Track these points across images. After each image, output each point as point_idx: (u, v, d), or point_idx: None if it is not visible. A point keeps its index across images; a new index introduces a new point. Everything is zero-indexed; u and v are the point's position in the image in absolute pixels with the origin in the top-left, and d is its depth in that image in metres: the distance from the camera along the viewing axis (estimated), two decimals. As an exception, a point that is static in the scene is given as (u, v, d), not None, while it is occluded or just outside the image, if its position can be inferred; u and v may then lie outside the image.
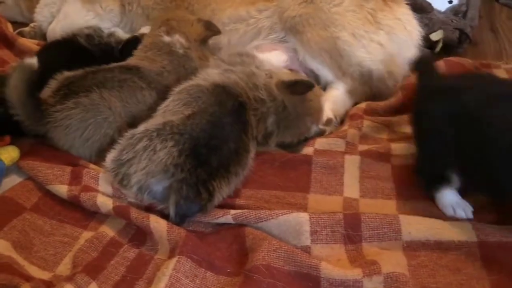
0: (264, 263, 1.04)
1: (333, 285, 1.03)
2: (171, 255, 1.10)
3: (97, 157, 1.38)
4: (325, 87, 1.72)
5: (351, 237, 1.13)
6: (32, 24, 2.27)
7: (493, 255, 1.08)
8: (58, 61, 1.56)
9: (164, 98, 1.38)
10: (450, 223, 1.14)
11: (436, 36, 2.06)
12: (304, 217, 1.14)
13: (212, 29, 1.67)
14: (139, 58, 1.55)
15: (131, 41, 1.68)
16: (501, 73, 1.89)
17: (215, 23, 1.75)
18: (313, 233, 1.13)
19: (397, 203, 1.24)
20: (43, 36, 2.17)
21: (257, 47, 1.74)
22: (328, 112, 1.57)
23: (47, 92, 1.39)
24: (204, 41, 1.66)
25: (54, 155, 1.39)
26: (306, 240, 1.12)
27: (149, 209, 1.22)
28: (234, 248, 1.15)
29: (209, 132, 1.21)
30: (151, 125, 1.23)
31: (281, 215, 1.15)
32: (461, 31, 2.11)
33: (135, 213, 1.18)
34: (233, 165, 1.23)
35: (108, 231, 1.19)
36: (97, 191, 1.27)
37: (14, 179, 1.35)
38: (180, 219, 1.16)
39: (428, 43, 2.03)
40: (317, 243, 1.12)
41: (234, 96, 1.32)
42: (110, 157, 1.24)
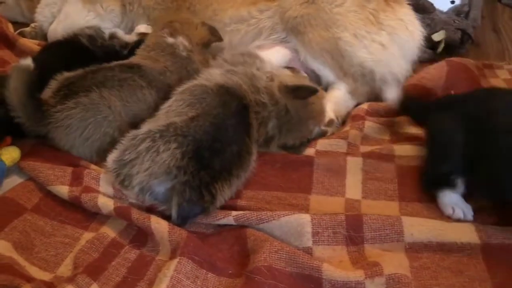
0: (265, 264, 1.04)
1: (335, 286, 1.03)
2: (172, 256, 1.09)
3: (98, 157, 1.38)
4: (326, 87, 1.71)
5: (353, 238, 1.13)
6: (33, 24, 2.27)
7: (496, 257, 1.08)
8: (59, 61, 1.56)
9: (166, 97, 1.38)
10: (453, 224, 1.14)
11: (438, 36, 2.06)
12: (305, 218, 1.14)
13: (216, 34, 1.67)
14: (142, 57, 1.55)
15: (139, 43, 1.67)
16: (503, 73, 1.89)
17: (217, 23, 1.76)
18: (315, 234, 1.13)
19: (399, 205, 1.24)
20: (44, 37, 2.17)
21: (259, 47, 1.73)
22: (329, 113, 1.57)
23: (47, 93, 1.38)
24: (206, 45, 1.66)
25: (55, 156, 1.39)
26: (307, 241, 1.12)
27: (150, 210, 1.22)
28: (236, 249, 1.14)
29: (212, 135, 1.21)
30: (154, 126, 1.22)
31: (283, 216, 1.15)
32: (463, 32, 2.11)
33: (136, 214, 1.18)
34: (236, 167, 1.22)
35: (109, 232, 1.19)
36: (98, 192, 1.27)
37: (15, 180, 1.35)
38: (182, 221, 1.16)
39: (430, 43, 2.03)
40: (319, 245, 1.12)
41: (238, 98, 1.31)
42: (112, 157, 1.23)
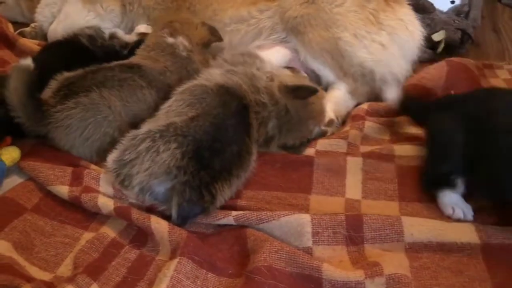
0: (265, 264, 1.04)
1: (335, 286, 1.03)
2: (172, 256, 1.09)
3: (98, 157, 1.38)
4: (326, 87, 1.71)
5: (353, 238, 1.13)
6: (33, 24, 2.27)
7: (496, 257, 1.08)
8: (59, 61, 1.56)
9: (166, 97, 1.38)
10: (453, 224, 1.14)
11: (438, 36, 2.06)
12: (305, 218, 1.14)
13: (216, 34, 1.67)
14: (142, 57, 1.55)
15: (139, 43, 1.67)
16: (503, 73, 1.89)
17: (217, 23, 1.75)
18: (315, 234, 1.13)
19: (399, 205, 1.24)
20: (44, 37, 2.17)
21: (259, 47, 1.73)
22: (329, 113, 1.57)
23: (47, 93, 1.38)
24: (206, 45, 1.66)
25: (55, 156, 1.39)
26: (307, 241, 1.12)
27: (150, 210, 1.22)
28: (236, 249, 1.14)
29: (212, 135, 1.21)
30: (154, 126, 1.22)
31: (283, 216, 1.15)
32: (463, 32, 2.11)
33: (136, 214, 1.18)
34: (236, 168, 1.22)
35: (109, 232, 1.19)
36: (98, 192, 1.27)
37: (15, 180, 1.35)
38: (182, 221, 1.16)
39: (430, 43, 2.03)
40: (319, 245, 1.12)
41: (238, 98, 1.31)
42: (112, 157, 1.23)
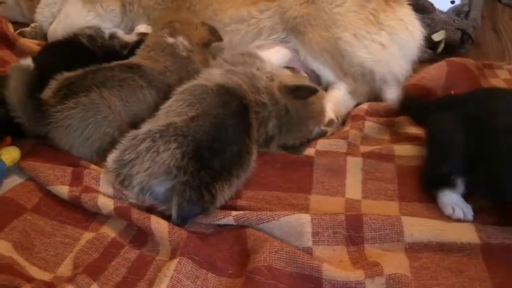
0: (265, 264, 1.04)
1: (335, 286, 1.03)
2: (172, 256, 1.09)
3: (98, 157, 1.38)
4: (326, 87, 1.71)
5: (353, 238, 1.13)
6: (33, 24, 2.27)
7: (496, 257, 1.08)
8: (59, 61, 1.56)
9: (166, 97, 1.38)
10: (453, 224, 1.14)
11: (438, 36, 2.06)
12: (305, 218, 1.14)
13: (216, 34, 1.67)
14: (142, 57, 1.55)
15: (139, 43, 1.67)
16: (503, 73, 1.89)
17: (217, 23, 1.75)
18: (315, 234, 1.13)
19: (399, 205, 1.24)
20: (44, 37, 2.17)
21: (259, 47, 1.73)
22: (329, 113, 1.57)
23: (47, 93, 1.38)
24: (206, 45, 1.66)
25: (55, 156, 1.39)
26: (307, 241, 1.12)
27: (150, 210, 1.22)
28: (236, 249, 1.14)
29: (212, 135, 1.21)
30: (154, 126, 1.22)
31: (283, 216, 1.15)
32: (463, 32, 2.11)
33: (136, 214, 1.18)
34: (236, 168, 1.22)
35: (109, 232, 1.19)
36: (98, 192, 1.27)
37: (15, 180, 1.35)
38: (182, 221, 1.16)
39: (430, 43, 2.03)
40: (318, 245, 1.12)
41: (238, 98, 1.31)
42: (112, 157, 1.23)
